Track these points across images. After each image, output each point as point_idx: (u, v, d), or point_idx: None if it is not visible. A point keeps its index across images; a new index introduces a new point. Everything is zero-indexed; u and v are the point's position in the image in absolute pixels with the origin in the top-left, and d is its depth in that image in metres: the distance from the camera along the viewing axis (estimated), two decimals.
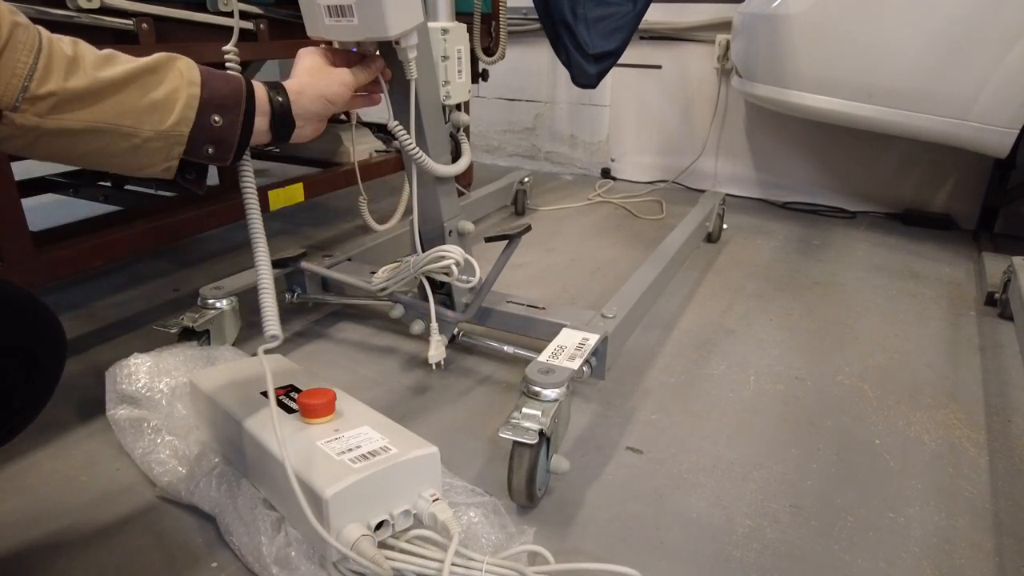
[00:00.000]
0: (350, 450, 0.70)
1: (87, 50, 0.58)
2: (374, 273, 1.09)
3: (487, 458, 0.91)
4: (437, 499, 0.69)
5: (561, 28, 1.54)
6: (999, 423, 1.00)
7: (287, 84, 0.70)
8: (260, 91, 0.68)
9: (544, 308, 1.09)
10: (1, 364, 0.62)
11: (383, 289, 1.06)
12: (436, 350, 1.00)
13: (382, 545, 0.67)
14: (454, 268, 0.94)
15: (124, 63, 0.60)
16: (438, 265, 0.95)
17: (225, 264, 1.61)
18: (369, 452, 0.69)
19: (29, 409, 0.68)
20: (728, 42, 2.05)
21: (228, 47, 0.71)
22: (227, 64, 0.71)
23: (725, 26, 2.06)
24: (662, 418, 1.01)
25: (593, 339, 0.94)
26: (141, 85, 0.60)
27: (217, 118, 0.64)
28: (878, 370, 1.15)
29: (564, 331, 0.97)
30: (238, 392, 0.83)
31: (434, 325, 1.00)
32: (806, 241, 1.81)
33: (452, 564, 0.65)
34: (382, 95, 0.84)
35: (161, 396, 0.90)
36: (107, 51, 0.60)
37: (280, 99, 0.69)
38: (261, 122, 0.68)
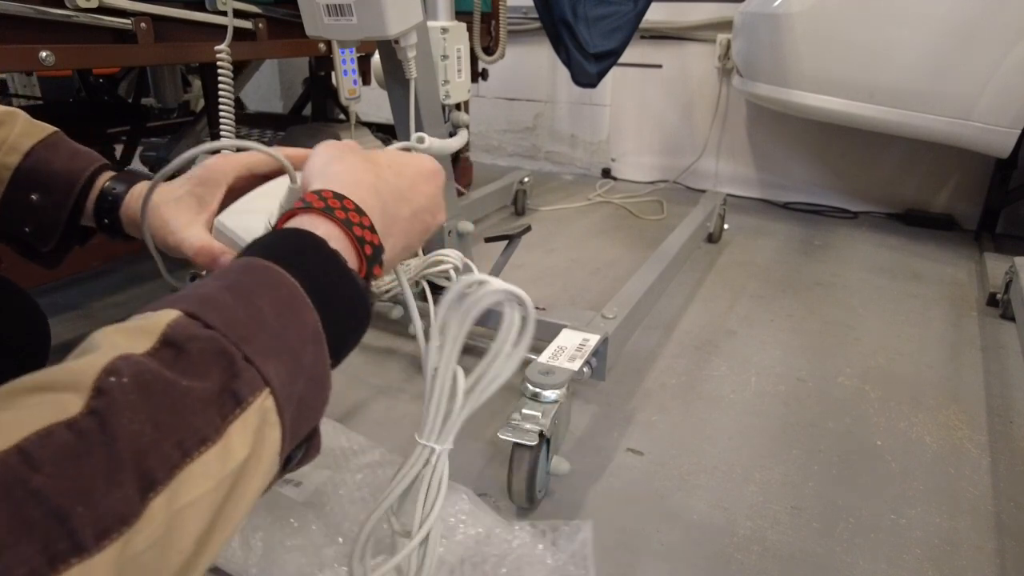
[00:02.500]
0: None
1: None
2: None
3: (487, 459, 0.91)
4: None
5: (561, 27, 1.53)
6: (1001, 424, 1.00)
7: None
8: (103, 178, 0.53)
9: (544, 309, 1.09)
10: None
11: (387, 291, 1.06)
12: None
13: None
14: (452, 272, 0.94)
15: None
16: (436, 269, 0.95)
17: None
18: None
19: None
20: (729, 41, 2.05)
21: (221, 47, 0.70)
22: (218, 64, 0.69)
23: (726, 25, 2.05)
24: (663, 419, 1.01)
25: (593, 340, 0.94)
26: None
27: (35, 196, 0.50)
28: (879, 371, 1.15)
29: (564, 332, 0.96)
30: None
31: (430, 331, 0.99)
32: (808, 242, 1.81)
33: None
34: None
35: None
36: None
37: (111, 195, 0.51)
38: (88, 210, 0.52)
